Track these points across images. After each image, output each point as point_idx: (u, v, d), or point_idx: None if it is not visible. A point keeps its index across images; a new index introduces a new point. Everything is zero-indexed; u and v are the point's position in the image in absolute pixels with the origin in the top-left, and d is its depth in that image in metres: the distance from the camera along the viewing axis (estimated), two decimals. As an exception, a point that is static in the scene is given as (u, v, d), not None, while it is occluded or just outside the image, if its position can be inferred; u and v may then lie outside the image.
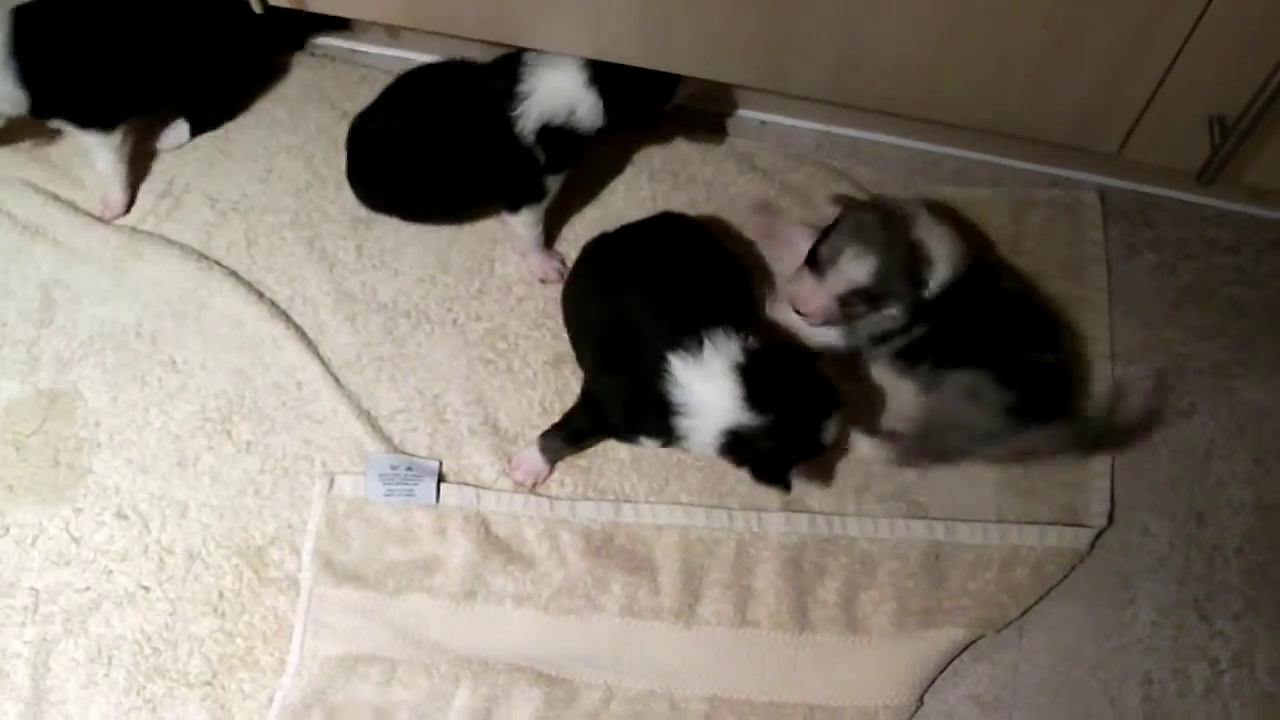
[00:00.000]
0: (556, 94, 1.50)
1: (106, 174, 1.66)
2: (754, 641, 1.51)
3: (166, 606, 1.50)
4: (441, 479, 1.55)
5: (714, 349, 1.36)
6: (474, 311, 1.65)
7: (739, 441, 1.37)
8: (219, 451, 1.57)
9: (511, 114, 1.49)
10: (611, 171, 1.73)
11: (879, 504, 1.57)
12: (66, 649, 1.48)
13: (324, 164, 1.72)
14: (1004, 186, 1.75)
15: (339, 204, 1.70)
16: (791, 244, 1.61)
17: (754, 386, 1.35)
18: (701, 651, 1.51)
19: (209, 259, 1.66)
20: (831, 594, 1.52)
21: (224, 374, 1.61)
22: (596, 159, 1.71)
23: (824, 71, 1.43)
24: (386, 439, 1.57)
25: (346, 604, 1.50)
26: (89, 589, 1.51)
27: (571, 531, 1.53)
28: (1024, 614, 1.54)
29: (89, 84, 1.57)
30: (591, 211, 1.70)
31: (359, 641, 1.49)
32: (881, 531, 1.55)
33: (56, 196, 1.69)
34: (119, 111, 1.63)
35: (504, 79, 1.50)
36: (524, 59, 1.50)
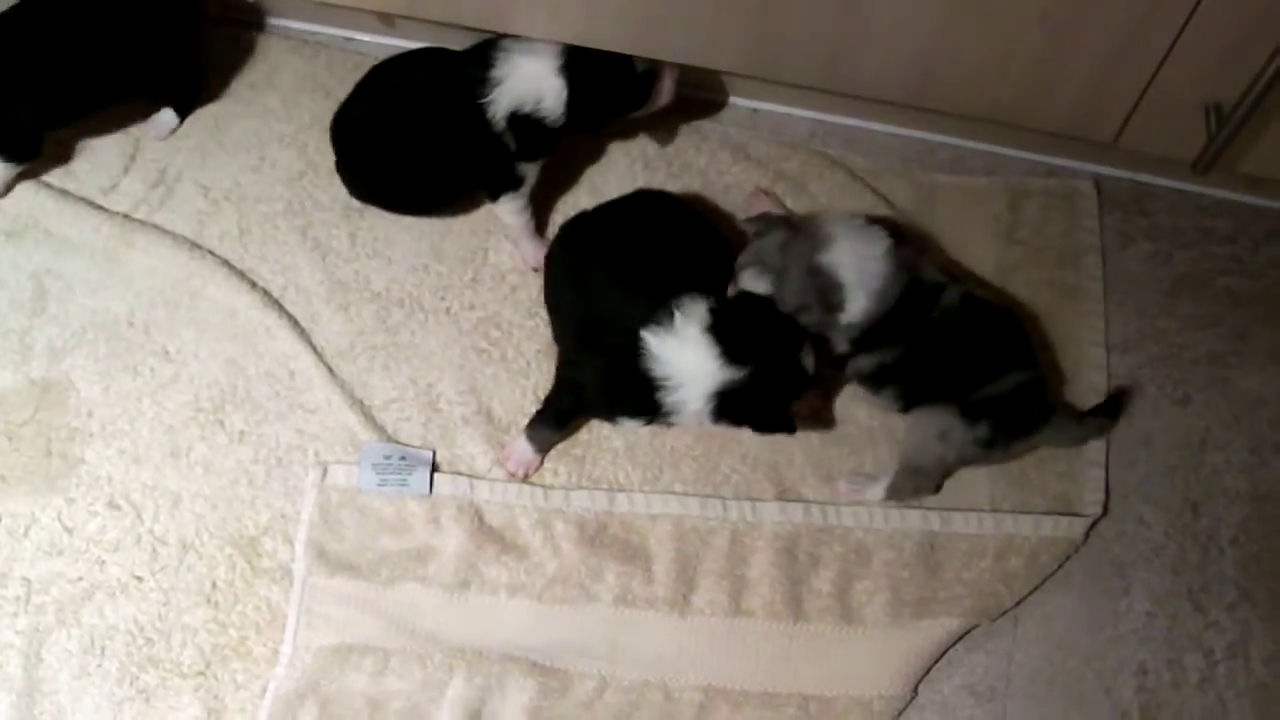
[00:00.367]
0: (527, 80, 1.49)
1: None
2: (748, 631, 1.51)
3: (159, 597, 1.50)
4: (435, 468, 1.55)
5: (684, 316, 1.36)
6: (467, 300, 1.65)
7: (730, 400, 1.37)
8: (212, 441, 1.57)
9: (483, 100, 1.49)
10: (605, 160, 1.73)
11: (874, 493, 1.57)
12: (59, 639, 1.48)
13: (317, 153, 1.71)
14: (1000, 175, 1.75)
15: (332, 193, 1.69)
16: None
17: (728, 341, 1.36)
18: (696, 641, 1.50)
19: (202, 248, 1.65)
20: (826, 584, 1.52)
21: (217, 363, 1.61)
22: (589, 147, 1.71)
23: (817, 59, 1.42)
24: (380, 428, 1.57)
25: (340, 594, 1.50)
26: (82, 579, 1.51)
27: (565, 521, 1.53)
28: (1019, 604, 1.54)
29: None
30: (585, 200, 1.69)
31: (352, 631, 1.49)
32: (876, 521, 1.55)
33: (48, 185, 1.68)
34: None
35: (479, 65, 1.50)
36: (499, 45, 1.50)
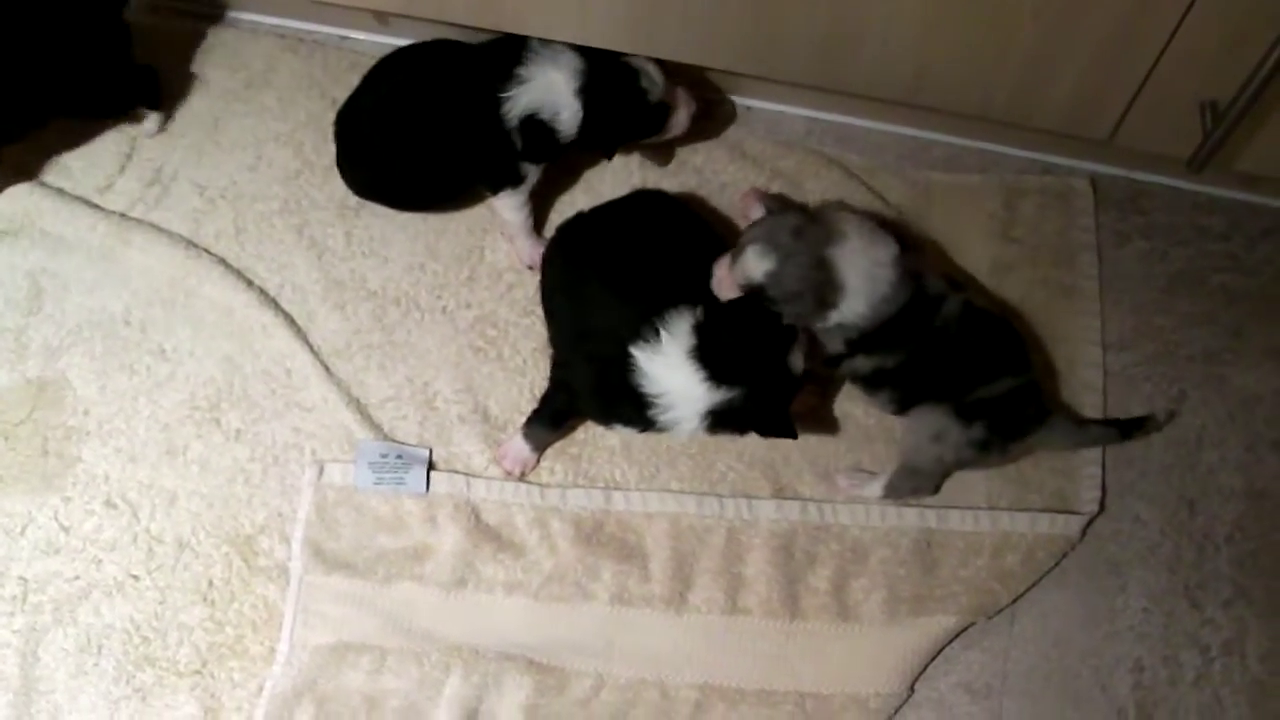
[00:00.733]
0: (548, 90, 1.50)
1: None
2: (745, 629, 1.51)
3: (156, 595, 1.50)
4: (431, 467, 1.55)
5: (670, 336, 1.35)
6: (463, 299, 1.65)
7: (725, 417, 1.37)
8: (208, 440, 1.57)
9: (502, 94, 1.49)
10: (602, 159, 1.72)
11: (870, 491, 1.57)
12: (56, 638, 1.48)
13: (313, 151, 1.71)
14: (995, 173, 1.75)
15: (328, 191, 1.69)
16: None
17: (714, 365, 1.34)
18: (692, 639, 1.50)
19: (198, 247, 1.65)
20: (823, 581, 1.52)
21: (213, 362, 1.61)
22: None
23: (812, 55, 1.42)
24: (376, 427, 1.57)
25: (337, 592, 1.50)
26: (78, 578, 1.50)
27: (562, 519, 1.53)
28: (1015, 601, 1.54)
29: None
30: (581, 198, 1.69)
31: (349, 630, 1.49)
32: (873, 519, 1.55)
33: (44, 184, 1.68)
34: None
35: (505, 59, 1.50)
36: (530, 44, 1.50)
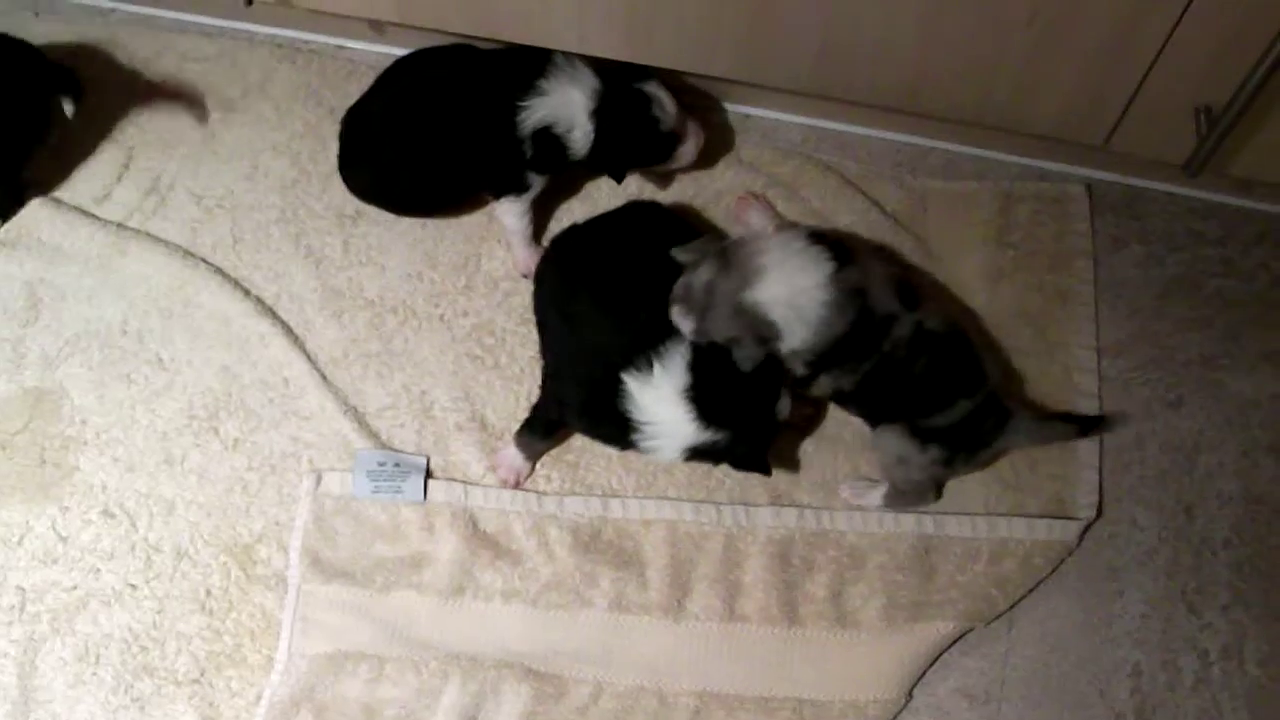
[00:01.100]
0: (565, 105, 1.51)
1: None
2: (743, 636, 1.51)
3: (154, 605, 1.50)
4: (429, 475, 1.55)
5: (664, 371, 1.36)
6: (461, 307, 1.65)
7: (705, 454, 1.39)
8: (206, 449, 1.57)
9: (520, 103, 1.50)
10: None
11: (867, 498, 1.57)
12: (54, 648, 1.48)
13: (310, 160, 1.71)
14: (991, 179, 1.75)
15: (325, 200, 1.69)
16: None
17: (705, 406, 1.36)
18: (690, 646, 1.50)
19: (195, 256, 1.65)
20: (820, 588, 1.52)
21: (211, 371, 1.61)
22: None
23: (808, 63, 1.43)
24: (374, 435, 1.57)
25: (335, 601, 1.50)
26: (76, 588, 1.50)
27: (559, 527, 1.53)
28: (1013, 607, 1.54)
29: None
30: (578, 206, 1.69)
31: (347, 638, 1.49)
32: (870, 525, 1.55)
33: (41, 194, 1.68)
34: None
35: (527, 68, 1.51)
36: (554, 58, 1.51)
